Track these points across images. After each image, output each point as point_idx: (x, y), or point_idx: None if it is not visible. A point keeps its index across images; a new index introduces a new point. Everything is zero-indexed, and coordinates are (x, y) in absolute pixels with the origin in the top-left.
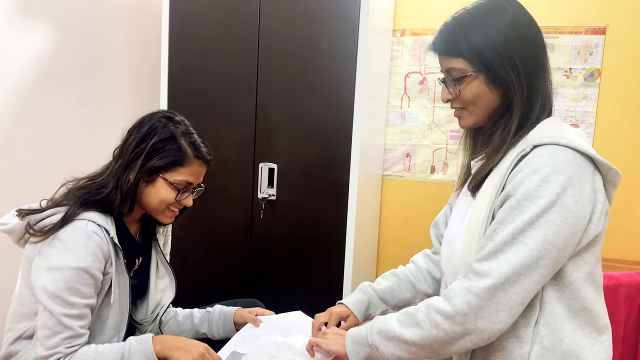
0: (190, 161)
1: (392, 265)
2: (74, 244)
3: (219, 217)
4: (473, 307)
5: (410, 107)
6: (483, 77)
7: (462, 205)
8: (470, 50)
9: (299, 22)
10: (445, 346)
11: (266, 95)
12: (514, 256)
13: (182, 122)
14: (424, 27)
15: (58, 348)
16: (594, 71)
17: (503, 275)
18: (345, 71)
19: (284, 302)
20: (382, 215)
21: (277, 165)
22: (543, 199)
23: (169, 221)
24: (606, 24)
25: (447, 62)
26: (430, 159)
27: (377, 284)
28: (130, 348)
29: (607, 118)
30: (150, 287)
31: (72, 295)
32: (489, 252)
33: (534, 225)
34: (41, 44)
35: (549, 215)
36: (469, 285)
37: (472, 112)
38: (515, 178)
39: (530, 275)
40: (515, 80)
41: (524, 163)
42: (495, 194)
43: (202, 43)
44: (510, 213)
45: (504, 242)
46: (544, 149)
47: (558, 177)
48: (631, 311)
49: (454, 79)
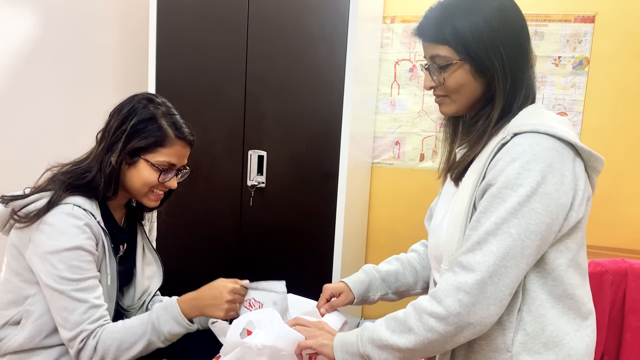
0: (172, 142)
1: (381, 252)
2: (63, 226)
3: (208, 204)
4: (465, 305)
5: (400, 95)
6: (468, 66)
7: (447, 195)
8: (456, 38)
9: (288, 8)
10: (440, 346)
11: (255, 82)
12: (498, 247)
13: (164, 104)
14: (414, 14)
15: (81, 326)
16: (583, 59)
17: (490, 268)
18: (335, 58)
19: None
20: (371, 202)
21: (267, 153)
22: (524, 187)
23: (153, 204)
24: (595, 12)
25: (432, 48)
26: (419, 146)
27: (381, 266)
28: (159, 317)
29: (595, 106)
30: (137, 273)
31: (75, 274)
32: (473, 244)
33: (517, 215)
34: (27, 28)
35: (530, 204)
36: (457, 282)
37: (455, 100)
38: (495, 167)
39: (517, 266)
40: (499, 70)
41: (504, 151)
42: (476, 183)
43: (191, 30)
44: (492, 202)
45: (488, 232)
46: (523, 137)
47: (538, 164)
48: (616, 297)
49: (438, 67)
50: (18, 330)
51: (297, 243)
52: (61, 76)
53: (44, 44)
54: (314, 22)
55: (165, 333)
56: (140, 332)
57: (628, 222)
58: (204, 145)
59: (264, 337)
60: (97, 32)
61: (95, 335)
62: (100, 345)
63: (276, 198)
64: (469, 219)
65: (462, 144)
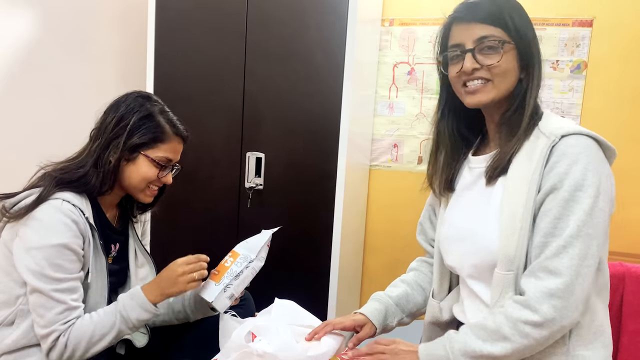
0: (170, 137)
1: (379, 256)
2: (50, 222)
3: (206, 205)
4: (559, 309)
5: (399, 98)
6: (515, 52)
7: (472, 199)
8: (512, 21)
9: (287, 10)
10: (534, 350)
11: (254, 84)
12: (581, 249)
13: (157, 101)
14: (412, 17)
15: (54, 325)
16: (581, 63)
17: (576, 270)
18: (333, 60)
19: (271, 291)
20: (369, 205)
21: (265, 155)
22: (592, 187)
23: (148, 200)
24: (593, 16)
25: (482, 29)
26: (417, 149)
27: (390, 292)
28: (125, 306)
29: (593, 110)
30: (131, 275)
31: (57, 272)
32: (559, 248)
33: (592, 215)
34: (25, 29)
35: (599, 203)
36: (548, 288)
37: (497, 85)
38: (554, 169)
39: (594, 264)
40: (536, 63)
41: (560, 154)
42: (535, 187)
43: (189, 31)
44: (566, 206)
45: (572, 235)
46: (574, 139)
47: (594, 165)
48: (614, 301)
49: (490, 46)
50: (13, 329)
51: (294, 245)
52: (60, 77)
53: (43, 45)
54: (312, 25)
55: (133, 320)
56: (110, 323)
57: (626, 225)
58: (203, 146)
59: (266, 345)
60: (95, 35)
61: (65, 334)
62: (70, 342)
63: (274, 200)
64: (531, 224)
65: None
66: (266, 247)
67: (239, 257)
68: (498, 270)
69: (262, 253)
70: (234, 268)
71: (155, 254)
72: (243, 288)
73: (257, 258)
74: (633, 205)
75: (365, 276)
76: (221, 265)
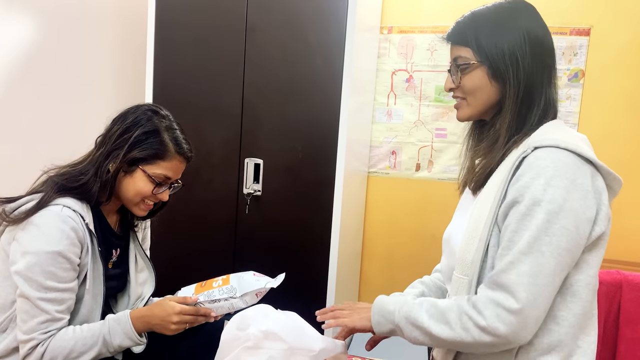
0: (171, 156)
1: (376, 262)
2: (48, 228)
3: (204, 211)
4: (505, 322)
5: (397, 105)
6: (485, 69)
7: (464, 205)
8: (477, 41)
9: (286, 17)
10: (469, 348)
11: (252, 91)
12: (531, 266)
13: (167, 117)
14: (411, 25)
15: (34, 334)
16: (578, 72)
17: (527, 288)
18: (332, 67)
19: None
20: (367, 212)
21: (263, 161)
22: (552, 203)
23: (142, 214)
24: (590, 25)
25: (456, 50)
26: (415, 156)
27: (407, 292)
28: (110, 330)
29: (590, 119)
30: (131, 279)
31: (49, 280)
32: (508, 263)
33: (547, 232)
34: (25, 31)
35: (559, 220)
36: (496, 299)
37: (470, 103)
38: (518, 182)
39: (552, 283)
40: (513, 77)
41: (526, 166)
42: (498, 197)
43: (189, 39)
44: (522, 220)
45: (521, 251)
46: (545, 152)
47: (562, 181)
48: (611, 309)
49: (457, 66)
50: (5, 336)
51: (292, 250)
52: (59, 80)
53: (42, 50)
54: (311, 32)
55: (115, 346)
56: (91, 342)
57: (623, 233)
58: (201, 152)
59: (262, 325)
60: (95, 39)
61: (44, 343)
62: (47, 353)
63: (272, 206)
64: (489, 233)
65: (477, 154)
66: (256, 295)
67: (227, 286)
68: (455, 273)
69: (247, 297)
70: (216, 293)
71: (154, 259)
72: (218, 315)
73: (239, 298)
74: (630, 213)
75: (363, 282)
76: (210, 282)
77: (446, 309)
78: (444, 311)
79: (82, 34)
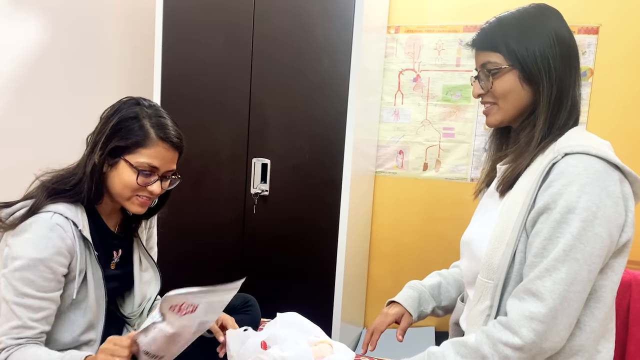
0: (153, 142)
1: (384, 262)
2: (35, 235)
3: (212, 211)
4: (540, 334)
5: (404, 104)
6: (517, 72)
7: (486, 207)
8: (507, 46)
9: (293, 17)
10: None
11: (260, 91)
12: (567, 274)
13: (152, 106)
14: (418, 25)
15: (3, 337)
16: (587, 71)
17: (561, 295)
18: (339, 67)
19: (276, 297)
20: (374, 211)
21: (271, 161)
22: (586, 210)
23: (137, 210)
24: (599, 23)
25: (484, 56)
26: (423, 156)
27: (425, 281)
28: None
29: (598, 117)
30: (135, 280)
31: (26, 286)
32: (543, 271)
33: (582, 240)
34: (32, 33)
35: (594, 228)
36: (530, 311)
37: (502, 107)
38: (550, 188)
39: (584, 290)
40: (545, 79)
41: (558, 173)
42: (528, 203)
43: (196, 39)
44: (557, 228)
45: (556, 259)
46: (576, 158)
47: (595, 188)
48: (620, 309)
49: (488, 71)
50: None
51: (300, 251)
52: (67, 82)
53: (50, 49)
54: (318, 32)
55: None
56: None
57: None
58: (209, 152)
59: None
60: (103, 40)
61: (9, 350)
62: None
63: (279, 206)
64: (518, 239)
65: (505, 158)
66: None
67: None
68: (480, 276)
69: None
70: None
71: (161, 259)
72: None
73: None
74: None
75: (370, 283)
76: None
77: (477, 344)
78: (476, 347)
79: (89, 33)
